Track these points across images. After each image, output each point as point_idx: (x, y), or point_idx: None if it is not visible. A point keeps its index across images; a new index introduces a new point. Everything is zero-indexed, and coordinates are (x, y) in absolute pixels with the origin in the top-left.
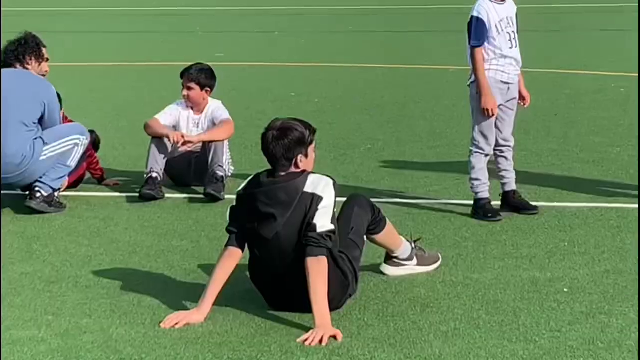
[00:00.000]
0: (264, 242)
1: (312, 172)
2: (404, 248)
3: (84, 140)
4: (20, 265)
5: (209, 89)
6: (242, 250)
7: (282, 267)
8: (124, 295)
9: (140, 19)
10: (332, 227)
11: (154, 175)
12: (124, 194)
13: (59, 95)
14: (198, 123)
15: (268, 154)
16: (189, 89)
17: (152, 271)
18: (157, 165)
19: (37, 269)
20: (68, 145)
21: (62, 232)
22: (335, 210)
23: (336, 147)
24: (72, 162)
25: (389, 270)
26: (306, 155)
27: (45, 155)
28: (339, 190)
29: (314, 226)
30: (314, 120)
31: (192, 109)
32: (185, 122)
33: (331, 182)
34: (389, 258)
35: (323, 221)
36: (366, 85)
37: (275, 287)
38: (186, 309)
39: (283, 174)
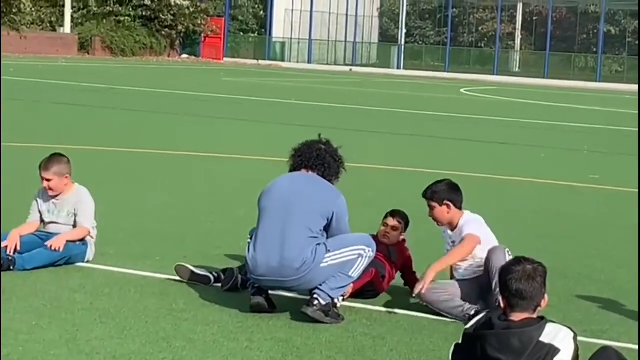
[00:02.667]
0: None
1: (552, 321)
2: None
3: (369, 253)
4: None
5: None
6: None
7: None
8: None
9: (529, 131)
10: None
11: None
12: (409, 312)
13: None
14: None
15: (514, 291)
16: (431, 207)
17: None
18: None
19: None
20: (352, 255)
21: (325, 346)
22: None
23: None
24: (355, 272)
25: None
26: (545, 300)
27: (326, 262)
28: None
29: None
30: None
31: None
32: None
33: (572, 334)
34: None
35: None
36: None
37: None
38: None
39: (520, 318)
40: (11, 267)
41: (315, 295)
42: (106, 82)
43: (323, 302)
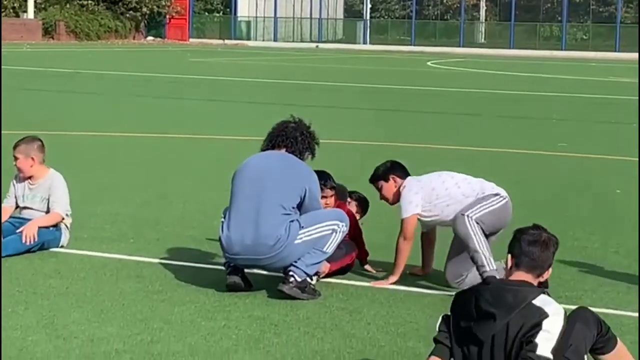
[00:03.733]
0: (478, 345)
1: (549, 295)
2: None
3: (343, 227)
4: (242, 354)
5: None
6: None
7: None
8: None
9: (496, 102)
10: (550, 357)
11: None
12: (389, 286)
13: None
14: None
15: (525, 251)
16: (380, 188)
17: None
18: None
19: None
20: (325, 231)
21: (302, 321)
22: (557, 341)
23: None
24: (329, 248)
25: None
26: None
27: (300, 239)
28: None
29: (535, 346)
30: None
31: None
32: None
33: (563, 312)
34: None
35: (545, 347)
36: None
37: None
38: None
39: (519, 278)
40: None
41: (290, 272)
42: (72, 66)
43: (299, 279)
